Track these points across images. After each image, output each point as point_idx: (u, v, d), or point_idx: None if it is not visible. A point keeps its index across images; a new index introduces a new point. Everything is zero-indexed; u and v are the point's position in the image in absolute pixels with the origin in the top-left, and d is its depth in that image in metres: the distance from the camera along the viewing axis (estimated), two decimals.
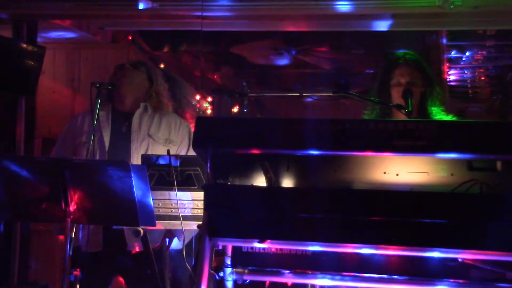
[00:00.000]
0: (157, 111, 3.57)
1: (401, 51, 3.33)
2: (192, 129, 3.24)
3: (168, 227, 2.91)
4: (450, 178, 2.08)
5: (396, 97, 3.14)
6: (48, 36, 5.57)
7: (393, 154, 2.05)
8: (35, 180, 2.71)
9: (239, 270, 2.24)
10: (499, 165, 2.04)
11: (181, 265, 3.15)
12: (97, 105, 3.18)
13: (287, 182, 2.20)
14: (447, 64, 6.24)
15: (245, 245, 2.21)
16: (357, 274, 2.13)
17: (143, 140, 3.46)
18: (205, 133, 2.13)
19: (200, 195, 2.70)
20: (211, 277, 2.15)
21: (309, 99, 3.31)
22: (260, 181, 2.20)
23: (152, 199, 2.65)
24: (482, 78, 6.70)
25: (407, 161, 2.11)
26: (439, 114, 3.17)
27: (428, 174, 2.10)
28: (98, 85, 3.23)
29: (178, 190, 2.77)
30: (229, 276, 2.23)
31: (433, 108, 3.18)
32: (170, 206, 2.80)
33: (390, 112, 3.19)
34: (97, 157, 3.31)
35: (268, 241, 2.08)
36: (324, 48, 7.07)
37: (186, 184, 2.79)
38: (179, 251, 3.17)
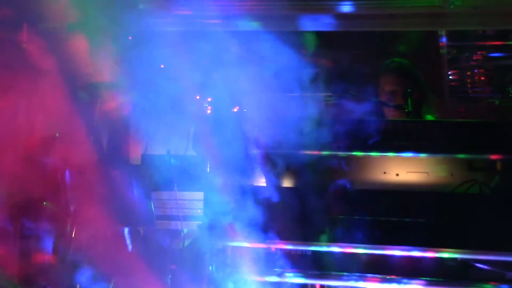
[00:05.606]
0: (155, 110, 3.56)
1: (387, 60, 3.37)
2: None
3: (168, 227, 2.90)
4: (450, 178, 2.08)
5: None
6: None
7: (393, 154, 2.05)
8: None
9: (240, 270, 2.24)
10: (499, 165, 2.04)
11: (181, 265, 3.15)
12: (97, 105, 3.18)
13: (287, 182, 2.20)
14: (447, 64, 6.23)
15: (245, 245, 2.21)
16: (357, 274, 2.13)
17: (142, 140, 3.46)
18: (205, 133, 2.13)
19: (200, 195, 2.70)
20: (211, 277, 2.15)
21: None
22: (260, 181, 2.20)
23: (152, 199, 2.65)
24: (482, 78, 6.68)
25: (407, 161, 2.11)
26: None
27: (428, 174, 2.10)
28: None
29: (178, 190, 2.77)
30: (229, 276, 2.23)
31: (427, 116, 3.20)
32: (170, 206, 2.80)
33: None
34: (96, 157, 3.31)
35: (268, 241, 2.08)
36: (324, 48, 7.05)
37: (186, 184, 2.78)
38: (179, 251, 3.16)
